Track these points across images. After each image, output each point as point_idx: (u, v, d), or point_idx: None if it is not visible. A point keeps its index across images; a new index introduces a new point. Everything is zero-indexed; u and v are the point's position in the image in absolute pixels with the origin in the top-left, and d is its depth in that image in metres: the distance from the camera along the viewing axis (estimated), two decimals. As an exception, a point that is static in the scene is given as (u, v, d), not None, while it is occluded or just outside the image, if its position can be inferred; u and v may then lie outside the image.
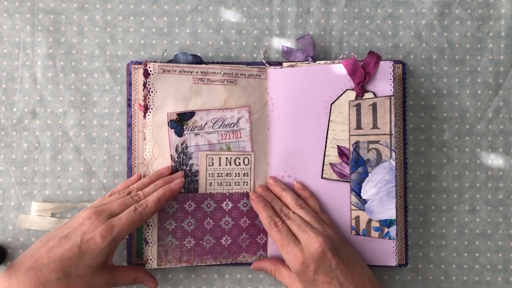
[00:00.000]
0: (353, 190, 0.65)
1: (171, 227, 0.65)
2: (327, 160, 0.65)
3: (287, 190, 0.65)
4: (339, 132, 0.65)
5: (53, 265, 0.53)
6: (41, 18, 0.68)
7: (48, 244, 0.55)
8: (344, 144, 0.65)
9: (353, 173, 0.65)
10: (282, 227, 0.61)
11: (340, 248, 0.59)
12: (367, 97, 0.64)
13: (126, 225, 0.56)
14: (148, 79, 0.65)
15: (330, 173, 0.65)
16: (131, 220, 0.57)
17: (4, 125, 0.67)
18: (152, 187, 0.61)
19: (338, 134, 0.65)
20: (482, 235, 0.69)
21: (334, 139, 0.65)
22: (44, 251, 0.54)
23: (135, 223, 0.57)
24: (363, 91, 0.64)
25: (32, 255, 0.54)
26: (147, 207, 0.58)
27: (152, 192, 0.61)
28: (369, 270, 0.60)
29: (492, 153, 0.69)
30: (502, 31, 0.69)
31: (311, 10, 0.69)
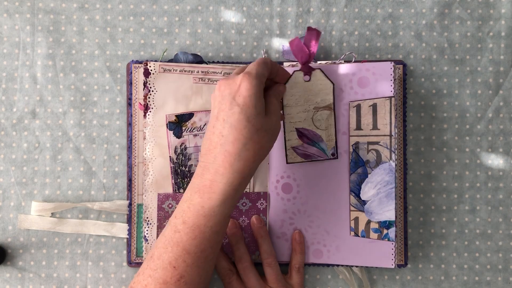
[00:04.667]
0: (352, 191, 0.65)
1: (171, 226, 0.65)
2: (289, 145, 0.66)
3: (264, 238, 0.66)
4: (294, 115, 0.65)
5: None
6: (41, 18, 0.68)
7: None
8: (301, 125, 0.65)
9: (353, 174, 0.65)
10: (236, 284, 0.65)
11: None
12: (318, 84, 0.65)
13: (257, 65, 0.56)
14: (148, 78, 0.65)
15: (294, 157, 0.66)
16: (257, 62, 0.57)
17: (4, 125, 0.67)
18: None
19: (294, 116, 0.65)
20: (482, 235, 0.69)
21: (291, 122, 0.65)
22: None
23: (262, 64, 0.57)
24: (310, 69, 0.64)
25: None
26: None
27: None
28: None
29: (492, 153, 0.69)
30: (502, 31, 0.69)
31: (311, 10, 0.69)
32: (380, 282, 0.68)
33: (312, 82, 0.64)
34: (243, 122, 0.53)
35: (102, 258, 0.68)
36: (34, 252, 0.67)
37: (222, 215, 0.54)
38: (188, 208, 0.55)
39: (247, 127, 0.53)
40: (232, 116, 0.53)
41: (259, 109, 0.54)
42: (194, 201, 0.54)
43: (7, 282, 0.67)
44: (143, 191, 0.66)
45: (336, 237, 0.66)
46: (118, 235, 0.67)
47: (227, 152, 0.53)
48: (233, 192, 0.54)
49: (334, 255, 0.66)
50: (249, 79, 0.53)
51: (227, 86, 0.55)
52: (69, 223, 0.67)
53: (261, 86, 0.55)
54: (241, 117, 0.53)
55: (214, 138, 0.54)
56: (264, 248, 0.65)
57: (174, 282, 0.54)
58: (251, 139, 0.53)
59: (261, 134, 0.54)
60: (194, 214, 0.54)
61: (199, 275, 0.55)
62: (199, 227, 0.54)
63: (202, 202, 0.54)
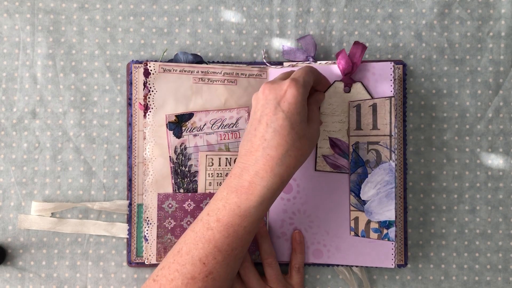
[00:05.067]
0: (352, 191, 0.65)
1: (170, 225, 0.65)
2: (320, 152, 0.66)
3: (264, 238, 0.66)
4: (329, 124, 0.65)
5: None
6: (41, 18, 0.68)
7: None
8: (335, 135, 0.65)
9: (353, 174, 0.65)
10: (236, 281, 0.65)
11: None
12: (358, 96, 0.64)
13: (304, 73, 0.58)
14: (148, 78, 0.65)
15: (324, 165, 0.66)
16: (305, 70, 0.58)
17: (4, 125, 0.67)
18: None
19: (329, 125, 0.65)
20: (482, 235, 0.69)
21: (325, 130, 0.65)
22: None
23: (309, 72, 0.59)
24: (351, 81, 0.64)
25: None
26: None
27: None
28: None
29: (492, 153, 0.69)
30: (502, 31, 0.69)
31: (311, 10, 0.69)
32: (380, 282, 0.68)
33: (352, 94, 0.65)
34: (287, 129, 0.54)
35: (102, 258, 0.68)
36: (34, 252, 0.67)
37: (257, 216, 0.55)
38: (223, 207, 0.55)
39: (291, 133, 0.54)
40: (276, 121, 0.54)
41: (302, 117, 0.55)
42: (230, 200, 0.55)
43: (7, 282, 0.67)
44: (143, 191, 0.66)
45: (336, 237, 0.66)
46: (118, 235, 0.67)
47: (269, 156, 0.54)
48: (271, 195, 0.55)
49: (334, 255, 0.66)
50: (296, 86, 0.55)
51: (272, 90, 0.56)
52: (69, 223, 0.67)
53: (306, 95, 0.56)
54: (286, 123, 0.54)
55: (256, 141, 0.55)
56: (264, 248, 0.65)
57: (202, 278, 0.54)
58: (293, 146, 0.54)
59: (303, 141, 0.55)
60: (230, 213, 0.55)
61: (227, 272, 0.56)
62: (233, 226, 0.55)
63: (239, 202, 0.55)
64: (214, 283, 0.55)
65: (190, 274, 0.54)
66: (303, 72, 0.57)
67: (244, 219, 0.55)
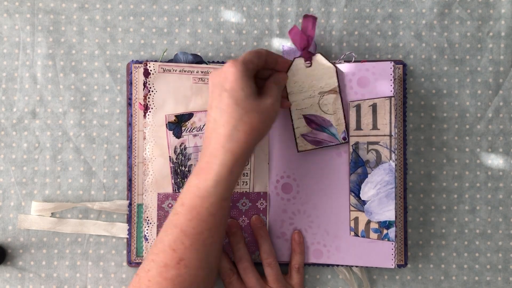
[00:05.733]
0: (352, 191, 0.65)
1: (171, 226, 0.65)
2: (298, 132, 0.65)
3: (264, 238, 0.66)
4: (300, 102, 0.65)
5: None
6: (41, 18, 0.68)
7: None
8: (308, 111, 0.65)
9: (353, 174, 0.65)
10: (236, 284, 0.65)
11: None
12: (320, 68, 0.64)
13: (247, 53, 0.58)
14: (148, 78, 0.65)
15: (305, 144, 0.66)
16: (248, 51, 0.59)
17: (4, 125, 0.67)
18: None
19: (300, 103, 0.65)
20: (482, 235, 0.69)
21: (297, 109, 0.65)
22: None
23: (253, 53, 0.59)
24: (310, 54, 0.64)
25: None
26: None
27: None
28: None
29: (492, 153, 0.69)
30: (502, 31, 0.69)
31: (311, 10, 0.69)
32: (380, 282, 0.68)
33: (314, 67, 0.64)
34: (232, 106, 0.55)
35: (102, 258, 0.68)
36: (34, 252, 0.67)
37: (217, 196, 0.55)
38: (186, 190, 0.56)
39: (237, 110, 0.54)
40: (222, 101, 0.55)
41: (247, 92, 0.55)
42: (191, 183, 0.56)
43: (7, 282, 0.67)
44: (143, 191, 0.66)
45: (336, 237, 0.66)
46: (118, 235, 0.67)
47: (219, 134, 0.55)
48: (227, 173, 0.55)
49: (334, 255, 0.66)
50: (234, 64, 0.55)
51: (216, 75, 0.57)
52: (69, 223, 0.67)
53: (248, 71, 0.56)
54: (230, 101, 0.55)
55: (210, 125, 0.56)
56: (264, 248, 0.65)
57: (174, 265, 0.55)
58: (241, 120, 0.54)
59: (251, 115, 0.55)
60: (191, 195, 0.55)
61: (198, 259, 0.56)
62: (195, 208, 0.55)
63: (198, 183, 0.55)
64: (187, 270, 0.55)
65: (163, 262, 0.55)
66: (245, 53, 0.58)
67: (204, 200, 0.55)
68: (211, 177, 0.55)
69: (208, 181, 0.55)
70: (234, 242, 0.65)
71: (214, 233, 0.56)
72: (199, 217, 0.55)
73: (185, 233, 0.55)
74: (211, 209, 0.55)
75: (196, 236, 0.55)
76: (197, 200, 0.55)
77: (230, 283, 0.65)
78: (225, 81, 0.55)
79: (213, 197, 0.55)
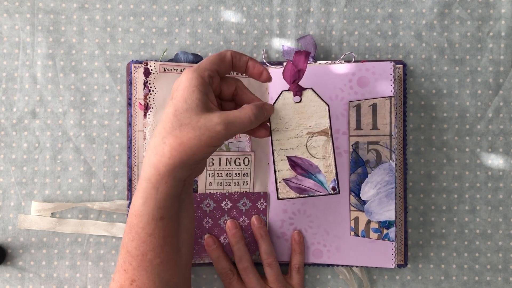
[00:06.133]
0: (352, 191, 0.65)
1: (171, 226, 0.65)
2: (280, 177, 0.59)
3: (264, 238, 0.66)
4: (285, 141, 0.58)
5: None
6: (41, 18, 0.68)
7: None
8: (293, 153, 0.58)
9: (353, 174, 0.65)
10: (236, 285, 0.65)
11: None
12: (310, 105, 0.58)
13: (206, 59, 0.52)
14: (149, 78, 0.65)
15: (287, 191, 0.60)
16: (209, 56, 0.53)
17: (4, 125, 0.67)
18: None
19: (285, 143, 0.58)
20: (482, 235, 0.69)
21: (281, 150, 0.58)
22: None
23: (213, 57, 0.53)
24: (300, 88, 0.58)
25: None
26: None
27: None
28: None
29: (492, 153, 0.69)
30: (502, 31, 0.69)
31: (311, 10, 0.69)
32: (380, 282, 0.68)
33: (304, 103, 0.58)
34: (170, 116, 0.49)
35: (102, 258, 0.68)
36: (34, 252, 0.67)
37: (149, 216, 0.50)
38: (130, 208, 0.53)
39: (172, 120, 0.49)
40: (165, 109, 0.50)
41: (190, 104, 0.49)
42: (132, 200, 0.52)
43: (7, 282, 0.67)
44: (143, 191, 0.66)
45: (336, 237, 0.66)
46: (118, 235, 0.67)
47: (149, 146, 0.50)
48: (153, 190, 0.50)
49: (334, 255, 0.66)
50: (188, 72, 0.50)
51: (176, 80, 0.52)
52: (69, 223, 0.67)
53: (200, 80, 0.50)
54: (169, 110, 0.50)
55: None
56: (264, 248, 0.65)
57: (127, 286, 0.52)
58: (171, 134, 0.49)
59: (184, 129, 0.49)
60: (130, 214, 0.52)
61: (150, 280, 0.52)
62: (134, 227, 0.51)
63: (134, 201, 0.51)
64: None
65: (119, 283, 0.53)
66: (205, 59, 0.52)
67: (139, 219, 0.51)
68: (140, 194, 0.50)
69: (138, 199, 0.50)
70: (234, 242, 0.65)
71: (160, 253, 0.52)
72: (138, 238, 0.51)
73: (130, 254, 0.52)
74: (147, 229, 0.51)
75: (141, 257, 0.52)
76: (133, 219, 0.51)
77: (230, 283, 0.65)
78: (176, 89, 0.50)
79: (145, 216, 0.50)
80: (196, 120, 0.49)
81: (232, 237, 0.66)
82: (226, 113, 0.51)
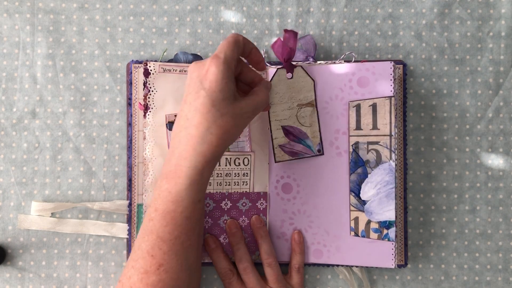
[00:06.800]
0: (352, 191, 0.65)
1: (171, 226, 0.65)
2: (276, 143, 0.66)
3: (264, 238, 0.66)
4: (279, 112, 0.65)
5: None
6: (41, 18, 0.68)
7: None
8: (287, 123, 0.65)
9: (353, 174, 0.65)
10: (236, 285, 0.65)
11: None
12: (300, 81, 0.65)
13: (227, 47, 0.55)
14: (148, 78, 0.65)
15: (282, 155, 0.66)
16: (228, 43, 0.56)
17: (4, 125, 0.67)
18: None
19: (279, 114, 0.65)
20: (482, 235, 0.69)
21: (276, 120, 0.65)
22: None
23: (233, 45, 0.56)
24: (292, 66, 0.64)
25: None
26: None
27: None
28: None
29: (492, 153, 0.69)
30: (502, 31, 0.69)
31: (311, 10, 0.69)
32: (380, 282, 0.68)
33: (295, 79, 0.65)
34: (208, 106, 0.53)
35: (102, 258, 0.68)
36: (34, 252, 0.67)
37: (190, 199, 0.54)
38: (158, 196, 0.55)
39: (212, 111, 0.53)
40: (198, 99, 0.53)
41: (225, 94, 0.53)
42: (162, 187, 0.55)
43: (7, 282, 0.67)
44: (143, 191, 0.66)
45: (336, 237, 0.66)
46: (118, 235, 0.67)
47: (190, 135, 0.53)
48: (198, 176, 0.54)
49: (334, 255, 0.66)
50: (217, 63, 0.53)
51: (196, 69, 0.55)
52: (69, 223, 0.67)
53: (230, 71, 0.54)
54: (206, 101, 0.53)
55: (181, 121, 0.55)
56: (264, 248, 0.65)
57: (154, 271, 0.54)
58: (214, 123, 0.53)
59: (226, 119, 0.53)
60: (164, 200, 0.54)
61: (178, 263, 0.55)
62: (169, 213, 0.54)
63: (170, 188, 0.54)
64: (168, 275, 0.54)
65: (143, 269, 0.54)
66: (226, 46, 0.55)
67: (178, 205, 0.54)
68: (182, 181, 0.53)
69: (179, 185, 0.54)
70: (234, 242, 0.65)
71: (191, 235, 0.56)
72: (174, 222, 0.54)
73: (162, 239, 0.54)
74: (186, 212, 0.54)
75: (173, 240, 0.54)
76: (170, 205, 0.54)
77: (230, 283, 0.65)
78: (204, 79, 0.53)
79: (186, 200, 0.54)
80: (232, 109, 0.54)
81: (232, 237, 0.66)
82: (250, 99, 0.57)
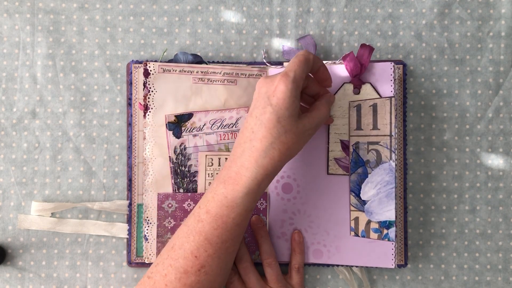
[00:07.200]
0: (352, 191, 0.65)
1: (170, 225, 0.65)
2: (332, 156, 0.66)
3: (264, 238, 0.66)
4: (340, 126, 0.65)
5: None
6: (41, 18, 0.68)
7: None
8: (346, 138, 0.65)
9: (353, 174, 0.65)
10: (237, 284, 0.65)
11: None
12: (367, 98, 0.64)
13: (297, 66, 0.56)
14: (148, 78, 0.65)
15: (336, 168, 0.66)
16: (299, 61, 0.57)
17: (4, 125, 0.67)
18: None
19: (340, 128, 0.65)
20: (482, 235, 0.69)
21: (336, 133, 0.65)
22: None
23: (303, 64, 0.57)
24: (360, 82, 0.65)
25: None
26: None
27: None
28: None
29: (492, 153, 0.69)
30: (502, 31, 0.69)
31: (311, 10, 0.69)
32: (380, 282, 0.68)
33: (361, 95, 0.65)
34: (273, 122, 0.54)
35: (102, 258, 0.68)
36: (34, 252, 0.67)
37: (244, 207, 0.56)
38: (212, 198, 0.56)
39: (277, 127, 0.55)
40: (264, 114, 0.55)
41: (291, 112, 0.55)
42: (218, 191, 0.56)
43: (7, 282, 0.67)
44: (143, 191, 0.66)
45: (336, 237, 0.66)
46: (118, 235, 0.67)
47: (254, 148, 0.55)
48: (256, 186, 0.55)
49: (334, 255, 0.66)
50: (286, 81, 0.55)
51: (265, 84, 0.56)
52: (69, 223, 0.67)
53: (297, 89, 0.56)
54: (272, 117, 0.55)
55: (246, 133, 0.56)
56: (264, 248, 0.65)
57: (194, 272, 0.55)
58: (278, 139, 0.55)
59: (289, 135, 0.55)
60: (218, 204, 0.56)
61: (219, 266, 0.56)
62: (221, 217, 0.55)
63: (226, 193, 0.56)
64: (207, 277, 0.55)
65: (183, 268, 0.55)
66: (296, 65, 0.56)
67: (231, 210, 0.55)
68: (240, 189, 0.55)
69: (237, 192, 0.55)
70: None
71: (236, 242, 0.58)
72: (224, 226, 0.56)
73: (209, 242, 0.55)
74: (237, 219, 0.56)
75: (220, 244, 0.56)
76: (224, 210, 0.55)
77: (231, 283, 0.65)
78: (272, 95, 0.55)
79: (240, 207, 0.55)
80: (296, 126, 0.56)
81: None
82: (312, 116, 0.58)
